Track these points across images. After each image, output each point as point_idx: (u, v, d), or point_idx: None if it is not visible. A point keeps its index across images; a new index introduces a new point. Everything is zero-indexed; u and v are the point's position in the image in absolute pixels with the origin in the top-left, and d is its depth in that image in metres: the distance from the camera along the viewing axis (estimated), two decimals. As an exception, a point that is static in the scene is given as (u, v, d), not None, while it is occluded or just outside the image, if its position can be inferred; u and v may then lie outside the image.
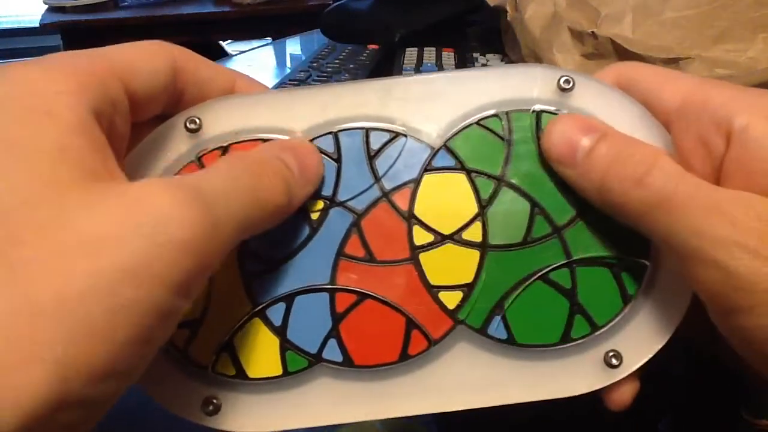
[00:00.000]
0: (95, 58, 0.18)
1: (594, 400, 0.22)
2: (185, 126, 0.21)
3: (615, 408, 0.22)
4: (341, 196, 0.21)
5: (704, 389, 0.29)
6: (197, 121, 0.21)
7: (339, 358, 0.21)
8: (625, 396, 0.22)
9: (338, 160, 0.21)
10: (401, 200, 0.21)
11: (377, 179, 0.21)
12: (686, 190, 0.18)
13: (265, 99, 0.22)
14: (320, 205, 0.21)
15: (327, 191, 0.21)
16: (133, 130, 0.20)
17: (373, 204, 0.21)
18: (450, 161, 0.21)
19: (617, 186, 0.19)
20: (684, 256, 0.18)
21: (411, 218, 0.21)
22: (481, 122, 0.22)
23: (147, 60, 0.20)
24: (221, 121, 0.22)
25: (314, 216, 0.21)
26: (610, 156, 0.19)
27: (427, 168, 0.21)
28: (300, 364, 0.21)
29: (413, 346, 0.21)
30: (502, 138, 0.21)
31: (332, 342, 0.21)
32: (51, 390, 0.13)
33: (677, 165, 0.19)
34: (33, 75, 0.16)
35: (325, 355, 0.21)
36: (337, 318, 0.21)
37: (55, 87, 0.16)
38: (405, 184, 0.21)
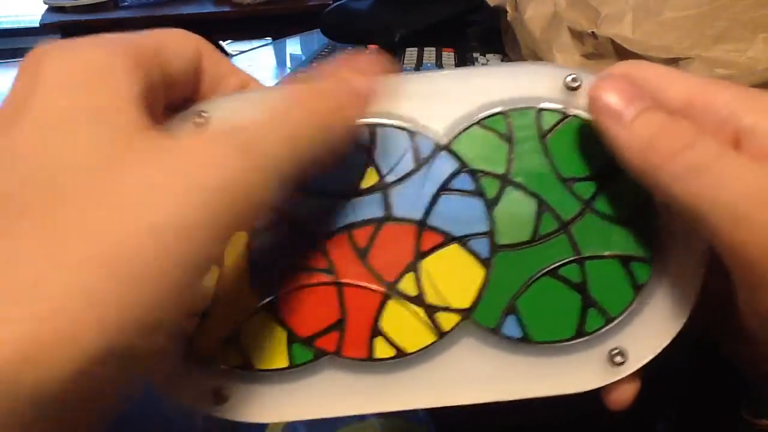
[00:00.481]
0: (141, 43, 0.19)
1: (592, 400, 0.22)
2: (193, 121, 0.21)
3: (615, 408, 0.22)
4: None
5: (705, 387, 0.29)
6: (205, 115, 0.21)
7: None
8: (625, 395, 0.22)
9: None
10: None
11: (381, 177, 0.21)
12: (733, 157, 0.18)
13: (273, 95, 0.22)
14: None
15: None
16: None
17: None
18: (453, 164, 0.21)
19: (665, 146, 0.18)
20: (732, 223, 0.17)
21: (420, 224, 0.21)
22: (484, 121, 0.21)
23: (179, 48, 0.20)
24: (230, 117, 0.21)
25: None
26: (661, 120, 0.19)
27: (430, 174, 0.21)
28: (306, 357, 0.21)
29: None
30: (504, 137, 0.21)
31: None
32: (109, 338, 0.14)
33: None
34: (103, 57, 0.17)
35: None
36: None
37: (115, 65, 0.17)
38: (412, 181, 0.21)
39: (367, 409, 0.22)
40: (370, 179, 0.21)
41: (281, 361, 0.21)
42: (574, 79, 0.21)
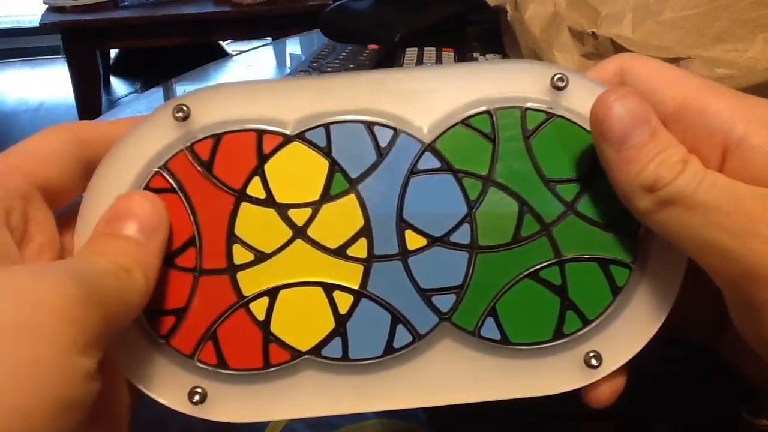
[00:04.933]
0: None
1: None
2: (173, 115, 0.21)
3: (595, 405, 0.22)
4: (332, 192, 0.21)
5: (704, 387, 0.29)
6: (185, 109, 0.21)
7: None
8: (605, 394, 0.22)
9: (328, 154, 0.21)
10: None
11: (366, 175, 0.21)
12: (708, 186, 0.18)
13: (256, 88, 0.22)
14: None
15: (316, 192, 0.21)
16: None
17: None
18: (436, 162, 0.21)
19: (650, 181, 0.19)
20: (704, 250, 0.18)
21: (401, 222, 0.21)
22: (468, 121, 0.21)
23: (48, 146, 0.21)
24: (211, 110, 0.21)
25: (303, 214, 0.21)
26: (654, 153, 0.19)
27: (413, 171, 0.21)
28: (282, 357, 0.21)
29: (398, 340, 0.21)
30: (488, 137, 0.21)
31: None
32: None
33: (700, 164, 0.19)
34: None
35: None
36: None
37: None
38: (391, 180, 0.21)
39: (346, 409, 0.22)
40: (338, 184, 0.21)
41: (256, 361, 0.21)
42: (560, 79, 0.21)
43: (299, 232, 0.21)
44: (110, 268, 0.18)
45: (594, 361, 0.21)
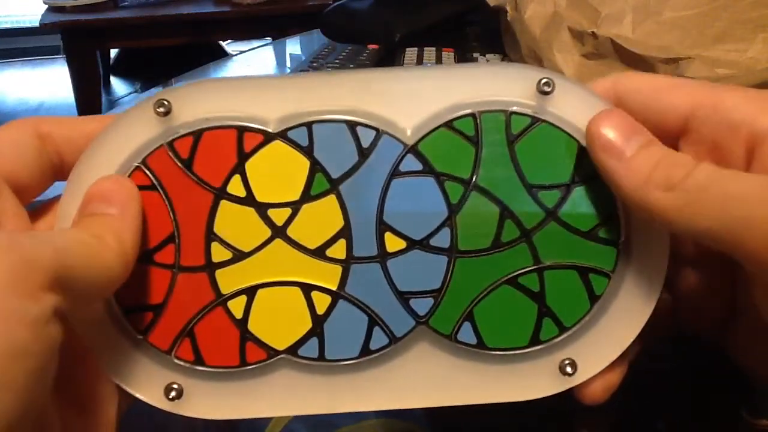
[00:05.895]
0: None
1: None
2: (154, 109, 0.21)
3: (588, 403, 0.22)
4: (313, 192, 0.21)
5: (704, 387, 0.29)
6: (166, 104, 0.21)
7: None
8: (596, 392, 0.22)
9: (310, 154, 0.21)
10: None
11: (347, 176, 0.21)
12: (730, 174, 0.17)
13: (239, 85, 0.21)
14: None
15: (297, 191, 0.21)
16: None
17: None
18: (418, 165, 0.21)
19: (666, 177, 0.18)
20: (746, 233, 0.17)
21: (381, 224, 0.21)
22: (452, 123, 0.21)
23: (10, 140, 0.20)
24: (192, 105, 0.21)
25: (283, 213, 0.21)
26: (660, 155, 0.19)
27: (395, 173, 0.21)
28: (258, 356, 0.21)
29: (374, 342, 0.21)
30: (471, 140, 0.21)
31: None
32: None
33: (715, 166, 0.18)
34: None
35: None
36: None
37: None
38: (371, 182, 0.21)
39: (320, 409, 0.22)
40: (319, 185, 0.21)
41: (233, 359, 0.21)
42: (546, 83, 0.21)
43: (278, 232, 0.21)
44: (78, 234, 0.18)
45: (569, 369, 0.21)
